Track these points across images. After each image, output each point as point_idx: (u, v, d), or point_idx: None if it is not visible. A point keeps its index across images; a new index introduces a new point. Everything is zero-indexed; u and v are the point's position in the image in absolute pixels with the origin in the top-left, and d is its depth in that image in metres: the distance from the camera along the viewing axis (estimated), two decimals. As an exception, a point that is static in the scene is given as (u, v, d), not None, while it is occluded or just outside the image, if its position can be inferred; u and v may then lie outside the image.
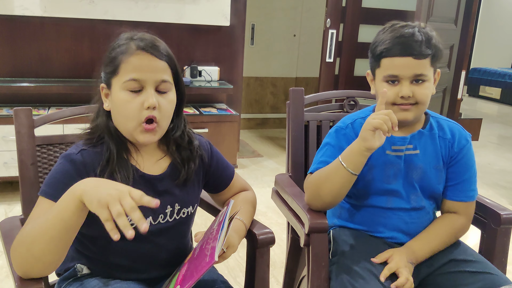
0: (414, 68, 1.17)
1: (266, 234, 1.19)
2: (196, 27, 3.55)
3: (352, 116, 1.33)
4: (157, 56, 1.03)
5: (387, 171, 1.26)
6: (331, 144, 1.28)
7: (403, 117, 1.21)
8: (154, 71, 1.02)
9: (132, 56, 1.01)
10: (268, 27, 5.04)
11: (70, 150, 1.05)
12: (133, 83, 1.01)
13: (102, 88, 1.07)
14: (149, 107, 1.01)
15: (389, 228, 1.28)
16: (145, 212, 1.06)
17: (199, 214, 1.36)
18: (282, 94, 5.34)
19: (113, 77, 1.04)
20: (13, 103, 3.12)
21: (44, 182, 1.01)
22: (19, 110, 1.23)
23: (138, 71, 1.01)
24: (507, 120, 6.73)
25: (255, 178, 3.56)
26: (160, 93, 1.04)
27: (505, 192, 3.53)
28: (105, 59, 1.06)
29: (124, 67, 1.02)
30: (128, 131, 1.05)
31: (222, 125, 3.43)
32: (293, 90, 1.57)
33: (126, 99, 1.02)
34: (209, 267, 0.91)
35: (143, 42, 1.03)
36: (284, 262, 1.65)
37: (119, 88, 1.02)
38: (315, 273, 1.22)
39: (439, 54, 1.20)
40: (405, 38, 1.17)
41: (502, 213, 1.32)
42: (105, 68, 1.05)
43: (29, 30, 3.16)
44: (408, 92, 1.18)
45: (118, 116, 1.05)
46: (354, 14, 3.94)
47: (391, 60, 1.19)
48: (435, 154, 1.28)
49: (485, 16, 8.59)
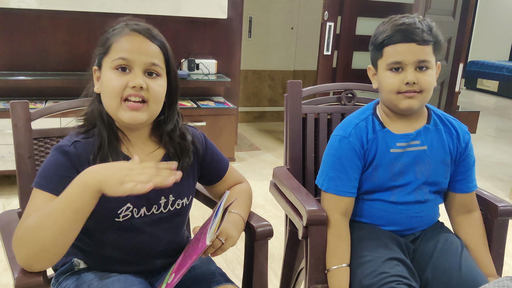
0: (418, 53, 1.17)
1: (264, 226, 1.19)
2: (193, 20, 3.53)
3: (351, 120, 1.30)
4: (148, 39, 1.03)
5: (392, 169, 1.26)
6: (336, 156, 1.26)
7: (408, 105, 1.20)
8: (144, 53, 1.02)
9: (124, 36, 1.02)
10: (265, 20, 5.02)
11: (63, 142, 1.05)
12: (120, 61, 1.01)
13: (95, 70, 1.08)
14: (135, 87, 1.00)
15: (392, 222, 1.28)
16: (139, 202, 1.07)
17: (197, 206, 1.36)
18: (280, 87, 5.33)
19: (104, 58, 1.04)
20: (10, 97, 3.10)
21: (38, 174, 1.00)
22: (16, 103, 1.23)
23: (128, 51, 1.01)
24: (504, 112, 6.74)
25: (253, 171, 3.56)
26: (150, 75, 1.04)
27: (502, 185, 3.54)
28: (99, 42, 1.07)
29: (114, 47, 1.02)
30: (113, 111, 1.04)
31: (219, 118, 3.42)
32: (291, 83, 1.57)
33: (112, 77, 1.02)
34: (201, 252, 0.92)
35: (137, 26, 1.04)
36: (282, 255, 1.66)
37: (107, 67, 1.03)
38: (313, 265, 1.23)
39: (440, 43, 1.20)
40: (407, 25, 1.18)
41: (500, 205, 1.33)
42: (98, 50, 1.06)
43: (25, 23, 3.14)
44: (413, 78, 1.17)
45: (104, 96, 1.05)
46: (352, 7, 3.93)
47: (394, 47, 1.19)
48: (442, 149, 1.28)
49: (483, 8, 8.56)
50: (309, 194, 1.33)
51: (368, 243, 1.23)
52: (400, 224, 1.28)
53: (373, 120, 1.28)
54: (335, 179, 1.25)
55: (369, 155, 1.26)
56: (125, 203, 1.05)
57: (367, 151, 1.26)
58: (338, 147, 1.26)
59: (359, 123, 1.28)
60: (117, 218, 1.05)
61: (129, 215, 1.07)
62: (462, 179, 1.32)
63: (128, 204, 1.06)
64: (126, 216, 1.06)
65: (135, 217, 1.07)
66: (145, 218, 1.09)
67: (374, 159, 1.25)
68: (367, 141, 1.26)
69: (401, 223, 1.28)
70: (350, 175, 1.25)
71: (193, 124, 3.35)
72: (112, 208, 1.04)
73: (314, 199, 1.29)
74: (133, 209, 1.07)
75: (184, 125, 1.18)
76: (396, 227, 1.28)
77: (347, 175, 1.25)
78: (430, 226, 1.32)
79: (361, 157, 1.25)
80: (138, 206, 1.08)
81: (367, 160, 1.26)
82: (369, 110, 1.32)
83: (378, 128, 1.27)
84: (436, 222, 1.35)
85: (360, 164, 1.26)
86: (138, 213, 1.08)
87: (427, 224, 1.31)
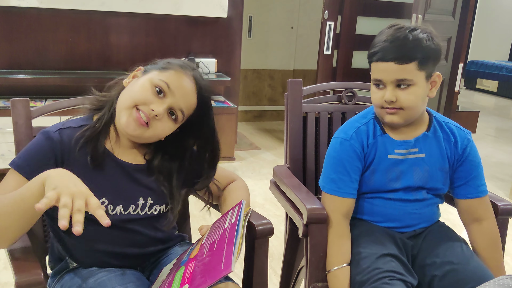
0: (396, 73, 1.16)
1: (265, 225, 1.18)
2: (193, 19, 3.53)
3: (353, 123, 1.30)
4: (197, 89, 1.11)
5: (389, 175, 1.26)
6: (337, 158, 1.26)
7: (390, 120, 1.22)
8: (185, 94, 1.08)
9: (180, 71, 1.08)
10: (265, 19, 5.02)
11: (50, 128, 1.07)
12: (164, 84, 1.05)
13: (139, 69, 1.12)
14: (153, 110, 1.04)
15: (390, 218, 1.28)
16: (116, 200, 1.07)
17: (197, 206, 1.36)
18: (280, 87, 5.33)
19: (155, 70, 1.08)
20: (10, 95, 3.10)
21: (18, 154, 1.03)
22: (17, 100, 1.23)
23: (176, 85, 1.06)
24: (504, 112, 6.75)
25: (253, 170, 3.56)
26: (171, 115, 1.08)
27: (502, 184, 3.54)
28: (161, 61, 1.12)
29: (170, 72, 1.07)
30: (121, 108, 1.06)
31: (219, 117, 3.38)
32: (291, 82, 1.57)
33: (145, 88, 1.05)
34: (224, 276, 0.89)
35: (195, 72, 1.11)
36: (282, 254, 1.66)
37: (151, 78, 1.07)
38: (313, 263, 1.23)
39: (430, 57, 1.17)
40: (391, 43, 1.16)
41: (500, 204, 1.33)
42: (156, 62, 1.12)
43: (26, 22, 3.14)
44: (390, 96, 1.18)
45: (126, 93, 1.08)
46: (352, 6, 3.92)
47: (376, 65, 1.20)
48: (441, 156, 1.28)
49: (482, 8, 8.56)
50: (309, 193, 1.33)
51: (363, 240, 1.23)
52: (399, 221, 1.28)
53: (374, 124, 1.28)
54: (336, 181, 1.25)
55: (368, 159, 1.27)
56: (100, 197, 1.05)
57: (367, 154, 1.26)
58: (339, 149, 1.27)
59: (360, 127, 1.28)
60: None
61: (104, 210, 1.06)
62: (463, 184, 1.30)
63: (103, 198, 1.06)
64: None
65: (110, 213, 1.07)
66: (122, 216, 1.09)
67: (372, 164, 1.26)
68: (367, 145, 1.26)
69: (399, 220, 1.28)
70: (352, 176, 1.25)
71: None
72: None
73: (314, 197, 1.29)
74: (108, 205, 1.07)
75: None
76: (395, 223, 1.28)
77: (348, 177, 1.25)
78: (432, 225, 1.32)
79: (362, 159, 1.26)
80: (114, 203, 1.08)
81: (366, 163, 1.27)
82: (371, 113, 1.32)
83: (378, 133, 1.27)
84: (437, 221, 1.35)
85: (360, 166, 1.26)
86: (114, 210, 1.08)
87: (426, 221, 1.31)
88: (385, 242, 1.22)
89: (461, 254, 1.21)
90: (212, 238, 1.04)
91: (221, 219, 1.11)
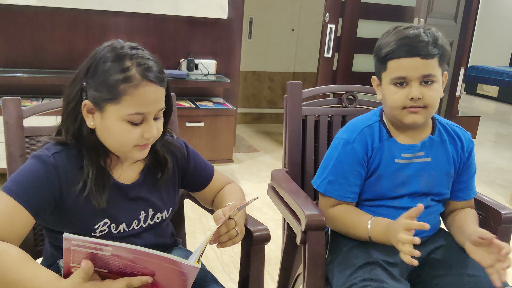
0: (422, 68, 1.13)
1: (262, 231, 1.15)
2: (193, 20, 3.50)
3: (357, 124, 1.27)
4: (160, 85, 0.98)
5: (395, 180, 1.23)
6: (338, 160, 1.23)
7: (412, 121, 1.17)
8: (157, 101, 0.99)
9: (138, 88, 0.94)
10: (266, 21, 5.00)
11: (42, 151, 1.00)
12: (137, 116, 0.97)
13: (85, 104, 0.98)
14: (148, 138, 1.00)
15: None
16: (119, 218, 1.05)
17: (193, 208, 1.33)
18: (279, 89, 5.31)
19: (109, 103, 0.96)
20: (5, 94, 3.07)
21: (10, 178, 0.96)
22: (8, 100, 1.20)
23: (144, 105, 0.96)
24: (504, 118, 6.73)
25: (251, 173, 3.53)
26: (155, 119, 1.02)
27: (502, 190, 3.51)
28: (97, 77, 0.96)
29: (128, 99, 0.95)
30: (121, 152, 1.03)
31: (218, 119, 3.39)
32: (291, 84, 1.54)
33: (126, 130, 0.97)
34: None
35: (146, 70, 0.96)
36: (279, 258, 1.63)
37: (118, 117, 0.96)
38: (311, 271, 1.19)
39: (446, 54, 1.16)
40: (410, 38, 1.13)
41: (503, 212, 1.30)
42: (99, 90, 0.96)
43: (23, 20, 3.11)
44: (417, 93, 1.14)
45: (111, 141, 1.01)
46: (354, 9, 3.90)
47: (398, 61, 1.15)
48: (446, 160, 1.26)
49: (484, 13, 8.55)
50: (308, 198, 1.30)
51: (356, 250, 1.21)
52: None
53: (380, 127, 1.25)
54: (334, 183, 1.23)
55: (373, 164, 1.23)
56: (102, 218, 1.03)
57: (371, 158, 1.23)
58: (341, 151, 1.23)
59: (364, 129, 1.24)
60: (93, 233, 1.03)
61: (106, 230, 1.04)
62: (464, 187, 1.29)
63: (105, 219, 1.03)
64: (103, 231, 1.04)
65: (112, 232, 1.05)
66: (125, 232, 1.06)
67: (377, 169, 1.23)
68: (372, 149, 1.23)
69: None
70: (350, 180, 1.22)
71: (191, 124, 3.34)
72: (88, 223, 1.02)
73: (313, 203, 1.26)
74: (110, 225, 1.04)
75: (167, 134, 1.17)
76: None
77: (346, 181, 1.22)
78: (435, 233, 1.29)
79: (364, 164, 1.23)
80: (117, 222, 1.05)
81: (370, 168, 1.23)
82: (376, 116, 1.28)
83: (385, 137, 1.24)
84: (440, 229, 1.32)
85: (363, 170, 1.23)
86: (117, 229, 1.05)
87: (430, 230, 1.27)
88: (372, 251, 1.19)
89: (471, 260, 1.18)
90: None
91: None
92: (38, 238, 1.24)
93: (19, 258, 0.88)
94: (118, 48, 0.98)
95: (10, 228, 0.91)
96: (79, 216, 1.00)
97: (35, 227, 1.22)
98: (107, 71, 0.95)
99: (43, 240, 1.22)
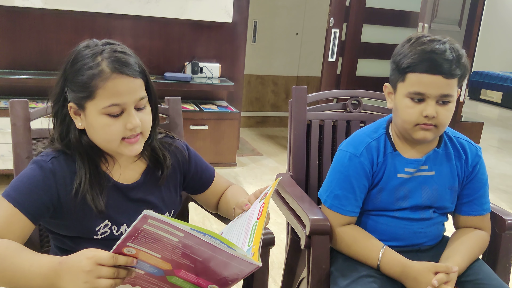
0: (443, 88, 1.10)
1: (266, 235, 1.15)
2: (198, 23, 3.52)
3: (363, 138, 1.25)
4: (133, 76, 0.98)
5: (397, 194, 1.22)
6: (345, 174, 1.22)
7: (423, 137, 1.15)
8: (132, 91, 0.99)
9: (108, 81, 0.96)
10: (270, 25, 5.01)
11: (41, 157, 1.02)
12: (114, 108, 0.97)
13: (71, 107, 1.01)
14: (133, 129, 0.99)
15: (395, 237, 1.24)
16: (120, 221, 1.05)
17: (196, 211, 1.33)
18: (283, 93, 5.31)
19: (87, 101, 0.98)
20: (12, 96, 3.08)
21: (10, 184, 0.98)
22: (15, 102, 1.20)
23: (118, 96, 0.97)
24: (508, 124, 6.71)
25: (255, 176, 3.53)
26: (138, 109, 1.01)
27: (505, 197, 3.50)
28: (72, 77, 0.98)
29: (101, 93, 0.96)
30: (111, 149, 1.03)
31: (222, 122, 3.40)
32: (296, 88, 1.54)
33: (107, 123, 0.98)
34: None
35: (116, 63, 0.97)
36: (282, 262, 1.63)
37: (97, 112, 0.98)
38: (315, 276, 1.20)
39: (466, 74, 1.13)
40: (436, 54, 1.09)
41: (507, 218, 1.30)
42: (76, 90, 0.98)
43: (29, 22, 3.12)
44: (433, 112, 1.11)
45: (98, 138, 1.02)
46: (358, 14, 3.90)
47: (419, 76, 1.11)
48: (451, 174, 1.24)
49: (488, 19, 8.53)
50: (312, 203, 1.30)
51: (352, 262, 1.21)
52: (403, 240, 1.24)
53: (385, 140, 1.23)
54: (341, 198, 1.21)
55: (376, 177, 1.22)
56: (103, 220, 1.03)
57: (376, 172, 1.22)
58: (348, 165, 1.21)
59: (371, 143, 1.22)
60: (95, 236, 1.03)
61: (108, 232, 1.04)
62: (469, 201, 1.27)
63: (106, 221, 1.04)
64: (104, 233, 1.04)
65: (114, 234, 1.05)
66: None
67: (380, 182, 1.22)
68: (377, 163, 1.21)
69: (404, 239, 1.24)
70: (357, 195, 1.21)
71: (195, 127, 3.35)
72: (89, 226, 1.02)
73: (317, 207, 1.27)
74: (111, 226, 1.04)
75: (167, 135, 1.17)
76: (399, 242, 1.24)
77: (354, 195, 1.21)
78: (438, 242, 1.29)
79: (370, 177, 1.22)
80: (118, 223, 1.05)
81: (374, 181, 1.23)
82: (382, 128, 1.26)
83: (389, 150, 1.22)
84: (443, 237, 1.32)
85: (367, 184, 1.22)
86: (118, 230, 1.06)
87: (432, 239, 1.27)
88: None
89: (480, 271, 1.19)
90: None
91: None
92: (44, 240, 1.25)
93: (17, 245, 0.91)
94: (91, 47, 1.01)
95: (8, 234, 0.93)
96: (79, 219, 1.01)
97: (40, 229, 1.23)
98: (79, 70, 0.98)
99: (49, 242, 1.22)
